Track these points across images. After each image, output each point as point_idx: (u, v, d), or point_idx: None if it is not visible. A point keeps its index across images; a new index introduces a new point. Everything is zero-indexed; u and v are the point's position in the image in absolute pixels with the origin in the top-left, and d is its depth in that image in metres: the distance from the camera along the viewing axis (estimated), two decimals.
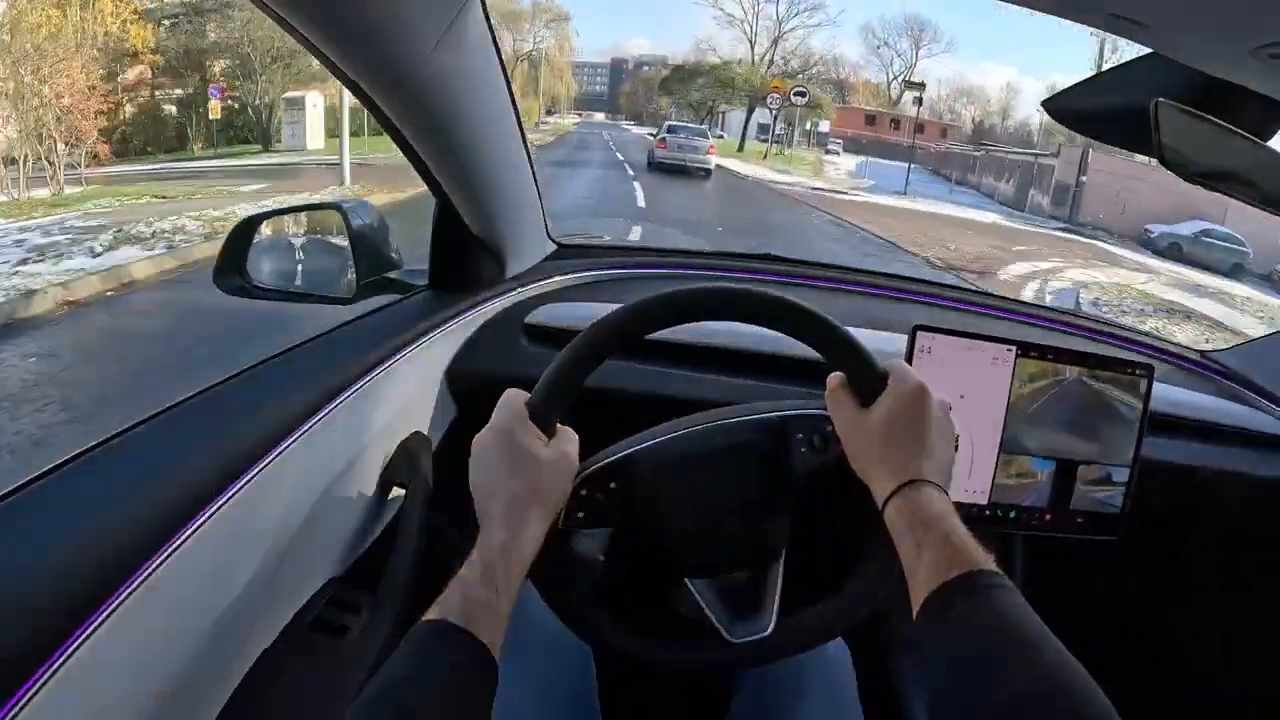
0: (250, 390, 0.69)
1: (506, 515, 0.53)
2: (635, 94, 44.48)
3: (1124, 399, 0.89)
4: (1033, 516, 0.88)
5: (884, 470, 0.54)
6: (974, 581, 0.45)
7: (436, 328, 0.90)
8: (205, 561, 0.56)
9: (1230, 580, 1.21)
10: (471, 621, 0.47)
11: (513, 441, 0.55)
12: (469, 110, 0.77)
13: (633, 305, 0.58)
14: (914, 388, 0.56)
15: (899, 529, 0.51)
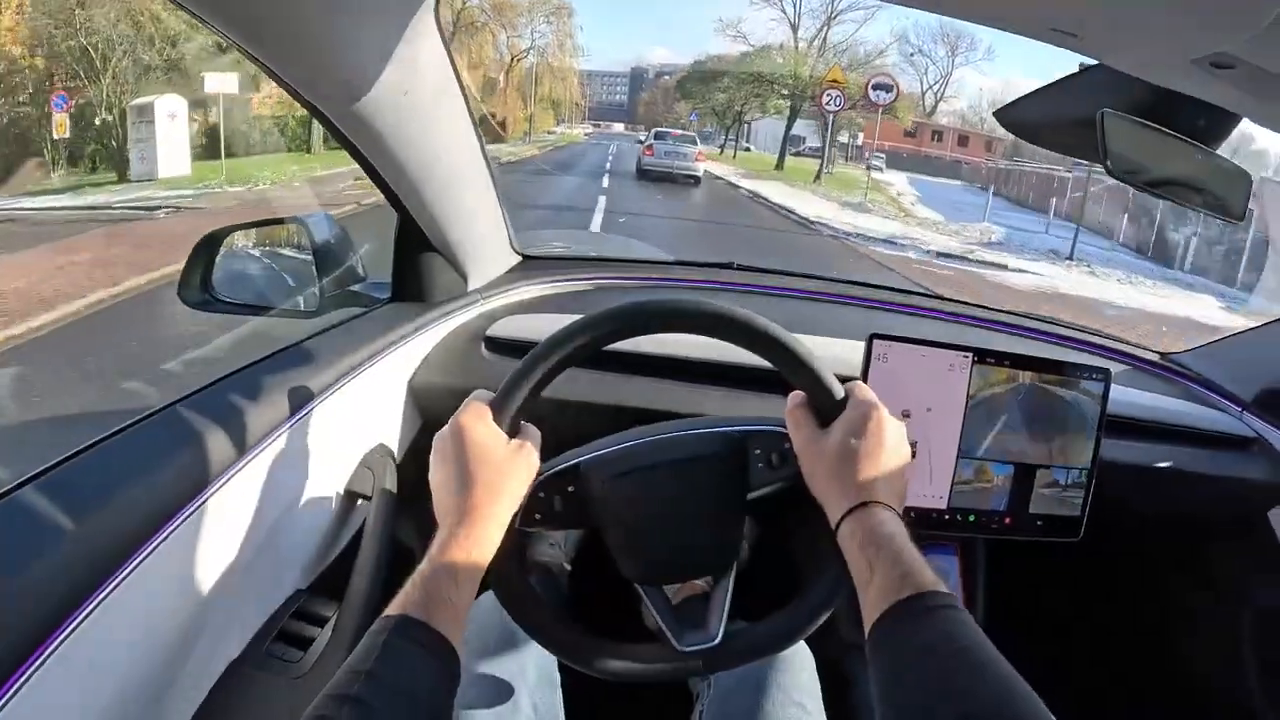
0: (214, 405, 0.69)
1: (467, 512, 0.53)
2: (654, 103, 42.44)
3: (1081, 403, 0.90)
4: (992, 520, 0.89)
5: (838, 490, 0.55)
6: (923, 604, 0.46)
7: (399, 341, 0.90)
8: (171, 575, 0.56)
9: (1192, 578, 1.23)
10: (432, 616, 0.48)
11: (475, 439, 0.55)
12: (424, 124, 0.77)
13: (604, 312, 0.59)
14: (871, 411, 0.57)
15: (851, 549, 0.52)
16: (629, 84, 51.24)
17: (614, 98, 51.97)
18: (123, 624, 0.51)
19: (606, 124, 44.36)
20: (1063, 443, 0.90)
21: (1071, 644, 1.28)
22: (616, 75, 52.51)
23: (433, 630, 0.47)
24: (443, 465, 0.56)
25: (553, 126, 34.21)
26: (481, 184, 0.94)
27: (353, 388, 0.82)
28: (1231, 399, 1.14)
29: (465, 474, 0.55)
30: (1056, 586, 1.23)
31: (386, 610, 0.48)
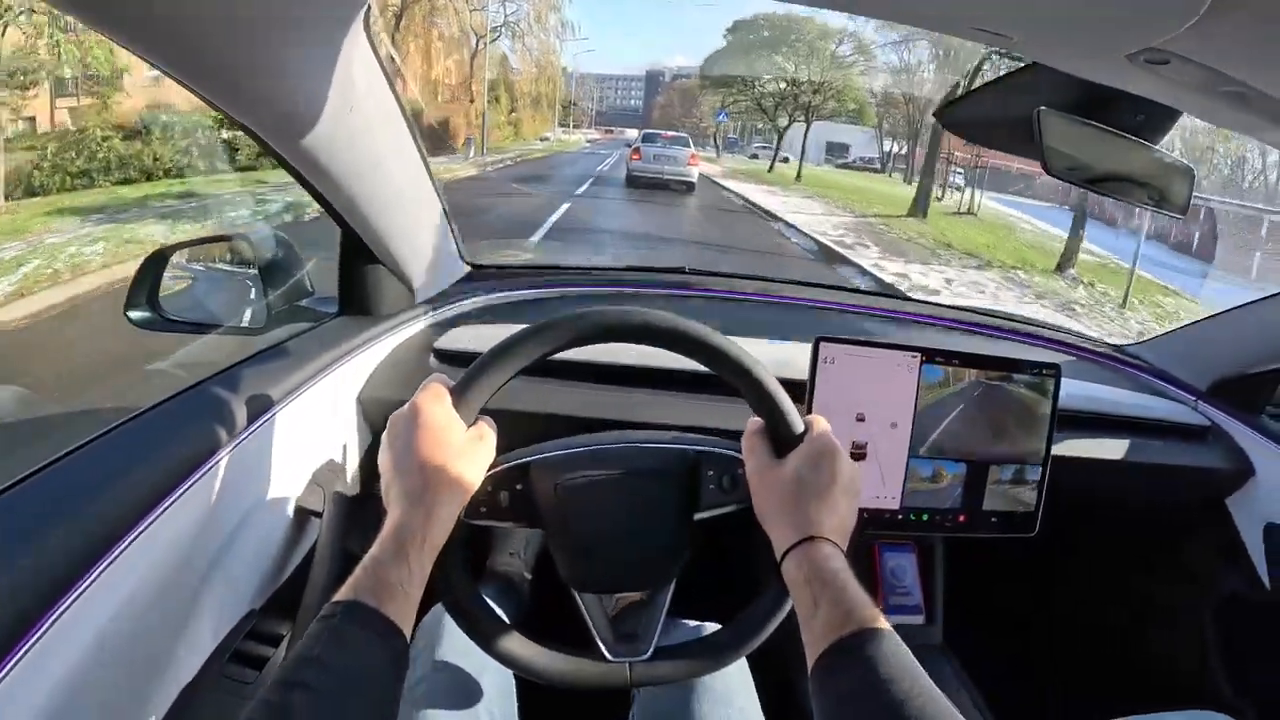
0: (159, 425, 0.69)
1: (421, 496, 0.52)
2: (670, 105, 38.73)
3: (1032, 399, 0.90)
4: (946, 518, 0.89)
5: (786, 522, 0.55)
6: (866, 641, 0.46)
7: (346, 355, 0.89)
8: (119, 599, 0.55)
9: (1153, 568, 1.24)
10: (383, 602, 0.47)
11: (433, 422, 0.55)
12: (361, 139, 0.76)
13: (575, 315, 0.59)
14: (828, 447, 0.57)
15: (796, 583, 0.52)
16: (644, 87, 49.34)
17: (628, 102, 49.95)
18: (72, 651, 0.51)
19: (619, 129, 41.14)
20: (1015, 439, 0.90)
21: (1033, 638, 1.29)
22: (630, 79, 50.91)
23: (384, 616, 0.47)
24: (396, 446, 0.55)
25: (547, 132, 30.98)
26: (425, 196, 0.93)
27: (300, 404, 0.81)
28: (1186, 389, 1.15)
29: (421, 457, 0.54)
30: (1016, 581, 1.24)
31: (337, 595, 0.48)
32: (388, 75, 0.76)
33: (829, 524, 0.54)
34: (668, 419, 0.88)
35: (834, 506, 0.55)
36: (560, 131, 34.83)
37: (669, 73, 45.71)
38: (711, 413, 0.91)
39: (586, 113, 43.84)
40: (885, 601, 1.00)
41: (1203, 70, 0.51)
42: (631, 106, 49.19)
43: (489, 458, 0.59)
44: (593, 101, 44.00)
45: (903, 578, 1.02)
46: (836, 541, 0.54)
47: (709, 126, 31.37)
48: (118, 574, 0.54)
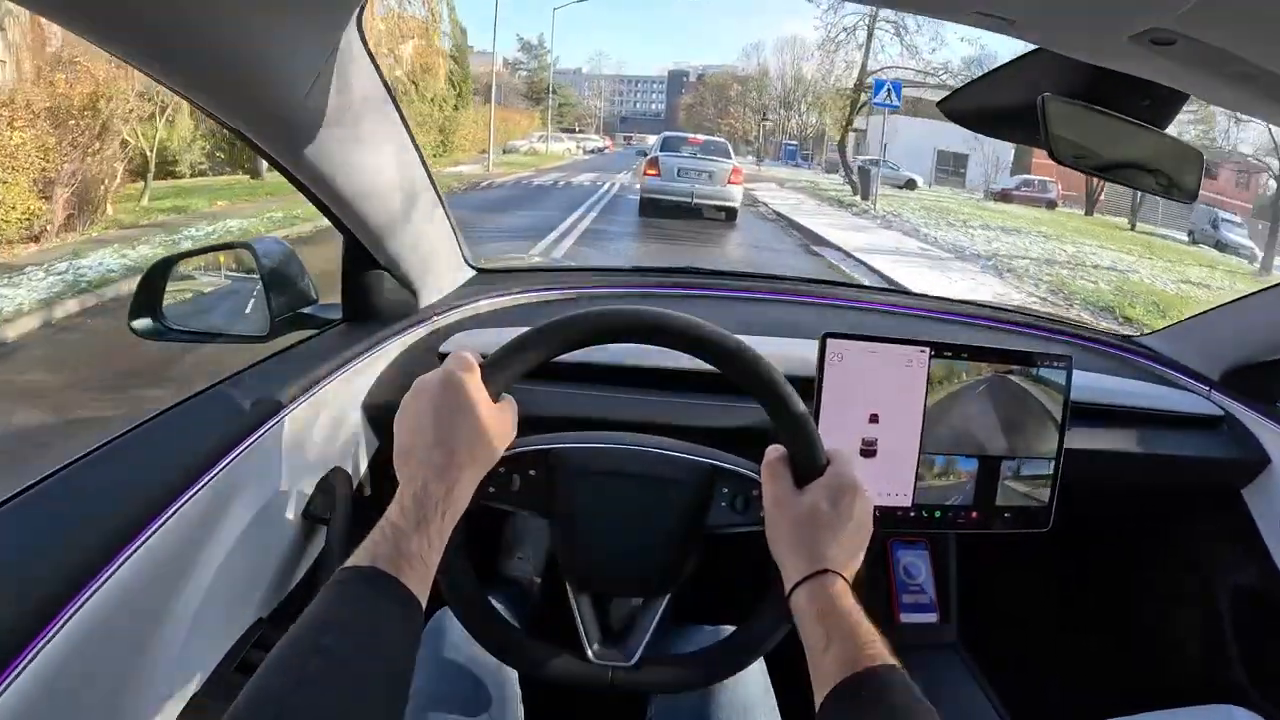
0: (163, 433, 0.69)
1: (445, 468, 0.52)
2: (700, 105, 31.78)
3: (1044, 392, 0.89)
4: (959, 515, 0.88)
5: (799, 553, 0.54)
6: (876, 679, 0.46)
7: (351, 361, 0.89)
8: (125, 608, 0.55)
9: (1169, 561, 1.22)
10: (402, 571, 0.47)
11: (461, 396, 0.54)
12: (359, 144, 0.76)
13: (622, 312, 0.59)
14: (849, 483, 0.57)
15: (807, 617, 0.52)
16: (665, 89, 44.57)
17: (648, 105, 45.33)
18: (78, 658, 0.50)
19: (640, 136, 34.21)
20: (1027, 433, 0.89)
21: (1048, 634, 1.28)
22: (651, 80, 45.96)
23: (401, 585, 0.46)
24: (421, 412, 0.54)
25: (521, 139, 24.67)
26: (426, 199, 0.92)
27: (305, 410, 0.81)
28: (1198, 378, 1.13)
29: (448, 428, 0.53)
30: (1030, 577, 1.23)
31: (353, 559, 0.47)
32: (383, 77, 0.76)
33: (842, 559, 0.54)
34: (685, 422, 0.87)
35: (848, 543, 0.55)
36: (537, 141, 26.66)
37: (693, 71, 41.46)
38: (729, 415, 0.90)
39: (596, 114, 39.68)
40: (899, 600, 0.99)
41: (1209, 50, 0.50)
42: (653, 111, 45.22)
43: (511, 436, 0.59)
44: (603, 102, 40.13)
45: (916, 575, 1.01)
46: (845, 576, 0.54)
47: (751, 130, 27.20)
48: (123, 582, 0.54)
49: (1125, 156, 0.80)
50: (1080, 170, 0.80)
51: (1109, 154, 0.80)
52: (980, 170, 20.47)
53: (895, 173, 20.89)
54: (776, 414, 0.59)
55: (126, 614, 0.55)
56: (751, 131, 28.43)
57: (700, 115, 31.27)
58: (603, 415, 0.87)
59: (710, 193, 10.09)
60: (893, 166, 20.82)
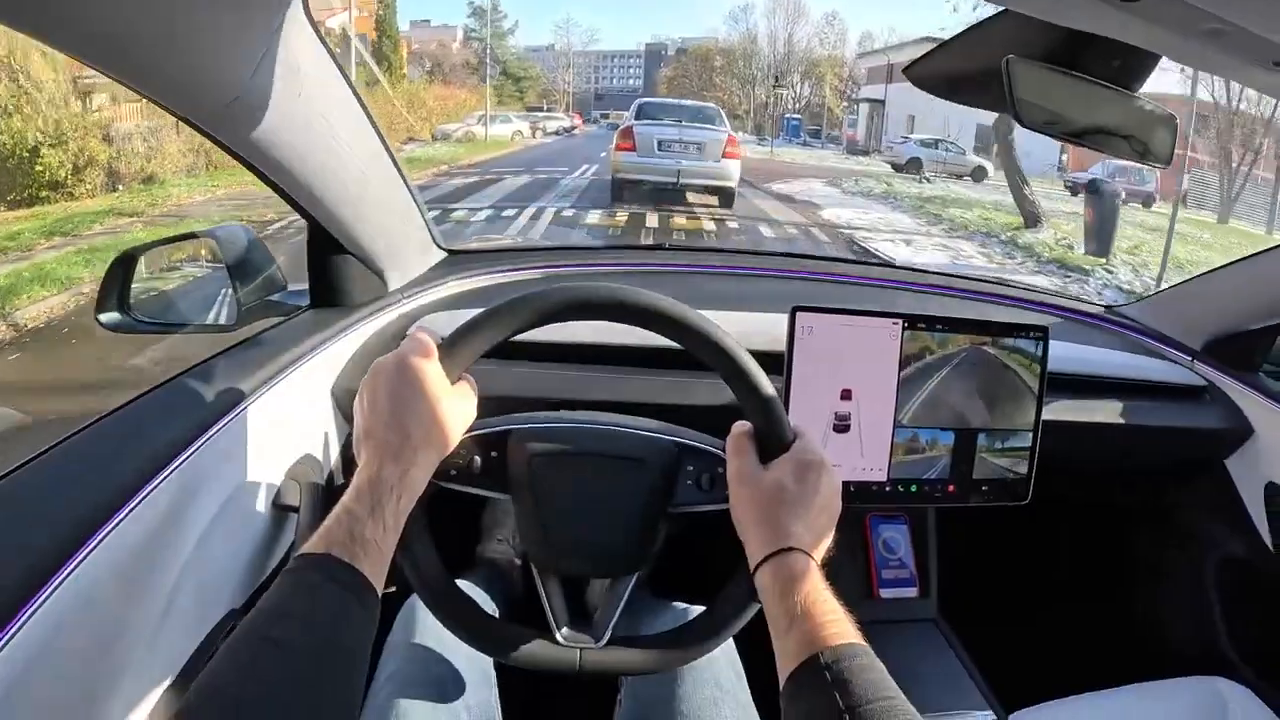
0: (127, 424, 0.67)
1: (399, 450, 0.51)
2: (685, 76, 28.15)
3: (1020, 362, 0.88)
4: (936, 489, 0.87)
5: (764, 531, 0.54)
6: (838, 659, 0.45)
7: (318, 348, 0.88)
8: (90, 604, 0.54)
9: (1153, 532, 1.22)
10: (356, 558, 0.46)
11: (418, 377, 0.53)
12: (316, 126, 0.74)
13: (584, 285, 0.58)
14: (816, 460, 0.56)
15: (772, 594, 0.51)
16: (643, 64, 41.50)
17: (625, 81, 42.23)
18: (39, 662, 0.49)
19: (617, 113, 31.10)
20: (1004, 405, 0.88)
21: (1030, 607, 1.28)
22: (628, 55, 42.73)
23: (356, 572, 0.45)
24: (378, 395, 0.53)
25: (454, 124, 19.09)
26: (388, 180, 0.91)
27: (272, 397, 0.80)
28: (1180, 348, 1.12)
29: (404, 410, 0.52)
30: (1011, 550, 1.22)
31: (306, 546, 0.46)
32: (334, 57, 0.74)
33: (807, 537, 0.53)
34: (651, 400, 0.86)
35: (813, 520, 0.54)
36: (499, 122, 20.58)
37: (672, 44, 38.73)
38: (695, 392, 0.89)
39: (565, 90, 36.15)
40: (878, 575, 0.98)
41: (1179, 6, 0.49)
42: (630, 87, 41.41)
43: (470, 417, 0.58)
44: (572, 75, 36.37)
45: (896, 550, 1.00)
46: (811, 555, 0.53)
47: (740, 104, 22.94)
48: (86, 576, 0.53)
49: (1096, 121, 0.79)
50: (1050, 135, 0.79)
51: (1080, 119, 0.78)
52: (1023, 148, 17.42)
53: (957, 157, 15.47)
54: (738, 387, 0.58)
55: (91, 611, 0.54)
56: (741, 105, 25.19)
57: (683, 88, 27.46)
58: (566, 394, 0.87)
59: (700, 170, 8.13)
60: (954, 148, 15.42)
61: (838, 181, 14.03)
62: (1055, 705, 0.89)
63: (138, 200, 9.39)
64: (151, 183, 10.55)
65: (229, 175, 10.81)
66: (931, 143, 13.71)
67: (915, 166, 14.12)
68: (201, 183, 10.73)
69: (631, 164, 8.26)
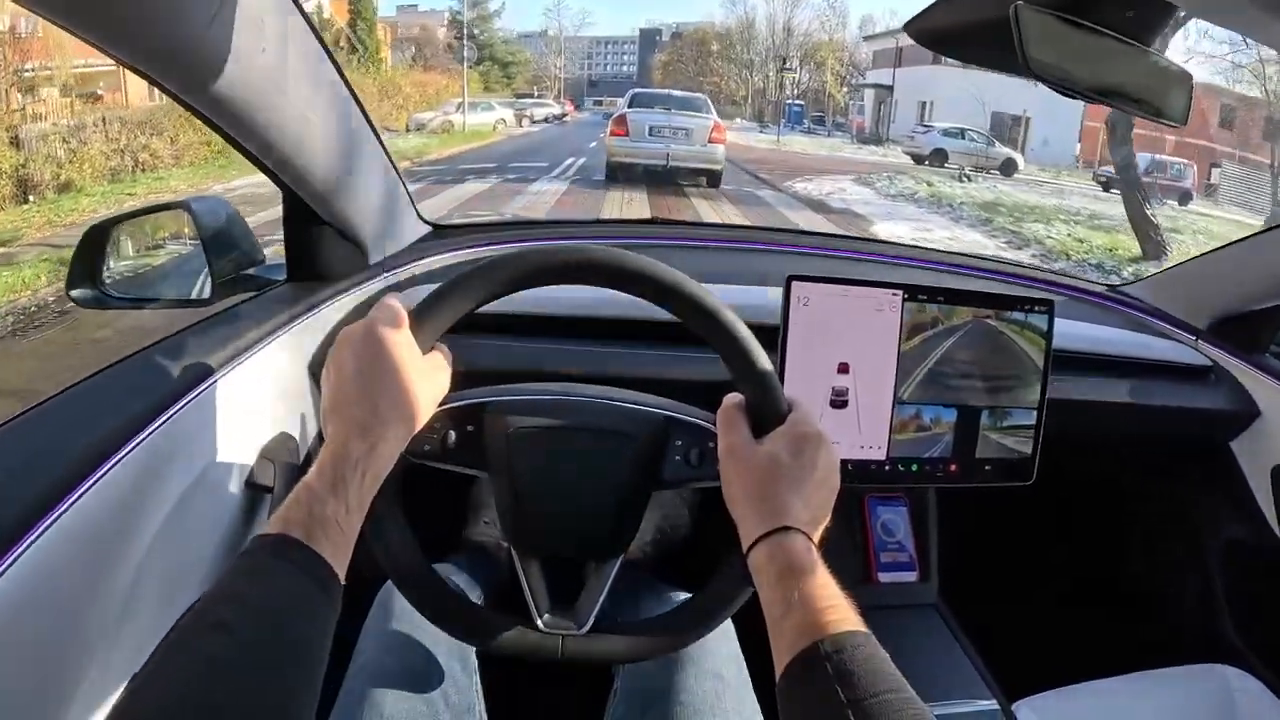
0: (86, 400, 0.64)
1: (366, 424, 0.48)
2: (681, 61, 26.70)
3: (1025, 338, 0.85)
4: (937, 469, 0.84)
5: (758, 509, 0.51)
6: (839, 647, 0.43)
7: (293, 321, 0.84)
8: (50, 584, 0.51)
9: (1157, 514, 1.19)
10: (315, 539, 0.43)
11: (386, 347, 0.50)
12: (280, 86, 0.70)
13: (561, 246, 0.55)
14: (814, 433, 0.53)
15: (767, 577, 0.48)
16: (637, 50, 40.51)
17: (619, 68, 41.51)
18: (3, 634, 0.47)
19: (610, 100, 30.68)
20: (1008, 381, 0.85)
21: (1031, 591, 1.25)
22: (621, 41, 41.93)
23: (313, 553, 0.42)
24: (345, 366, 0.50)
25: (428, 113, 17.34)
26: (368, 149, 0.87)
27: (244, 372, 0.76)
28: (1184, 328, 1.10)
29: (371, 382, 0.49)
30: (1013, 533, 1.19)
31: (266, 528, 0.43)
32: (304, 13, 0.70)
33: (804, 515, 0.50)
34: (635, 374, 0.83)
35: (811, 497, 0.51)
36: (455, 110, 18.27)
37: (667, 30, 37.64)
38: (684, 365, 0.85)
39: (556, 76, 34.59)
40: (877, 559, 0.96)
41: None
42: (624, 73, 40.92)
43: (443, 389, 0.55)
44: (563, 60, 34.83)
45: (895, 533, 0.97)
46: (808, 534, 0.49)
47: (738, 89, 22.62)
48: (41, 560, 0.50)
49: (1109, 78, 0.75)
50: (1058, 91, 0.75)
51: (1091, 76, 0.74)
52: (1040, 135, 14.74)
53: (984, 148, 14.03)
54: (735, 358, 0.54)
55: (48, 596, 0.51)
56: (739, 91, 24.47)
57: (679, 73, 26.78)
58: (545, 367, 0.83)
59: (689, 153, 8.94)
60: (981, 138, 13.88)
61: (869, 179, 12.61)
62: (1058, 694, 0.86)
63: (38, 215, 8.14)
64: (68, 190, 9.25)
65: (155, 179, 10.17)
66: (957, 132, 12.68)
67: (940, 158, 12.97)
68: (124, 188, 9.61)
69: (624, 148, 9.03)
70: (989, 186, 12.41)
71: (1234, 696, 0.89)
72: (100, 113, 11.05)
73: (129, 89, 12.79)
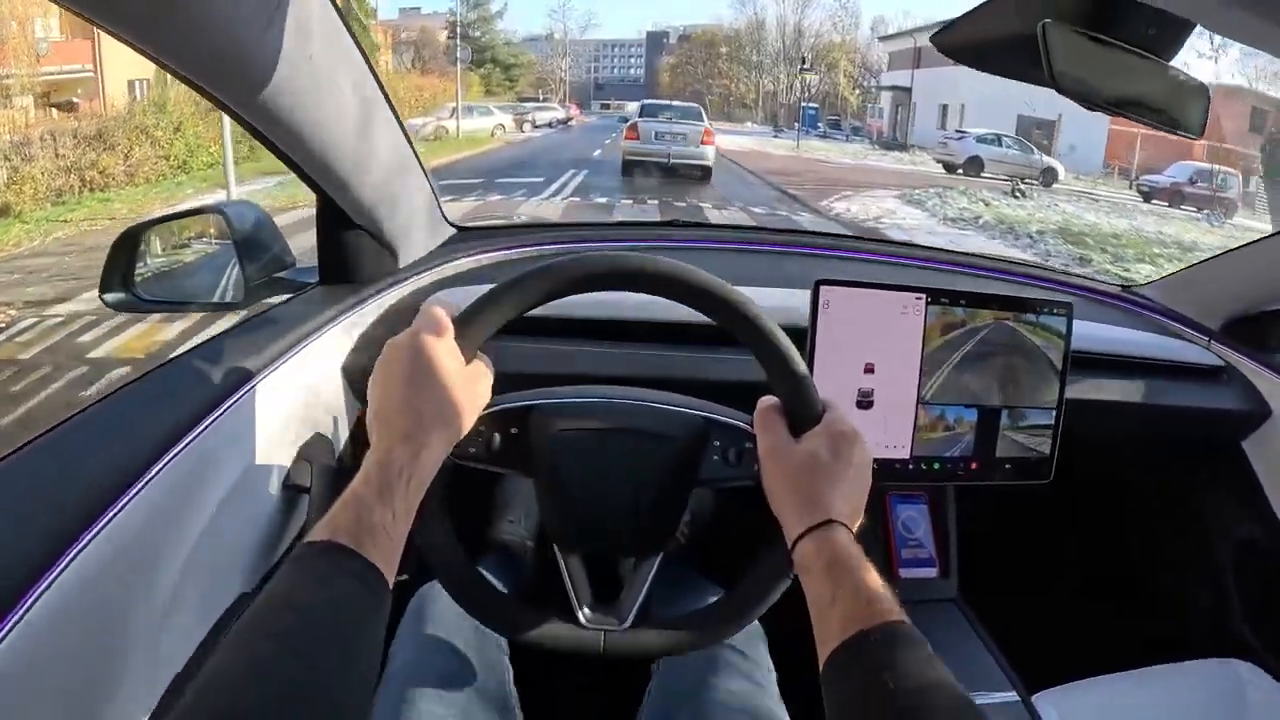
0: (130, 406, 0.66)
1: (411, 432, 0.49)
2: (689, 63, 26.00)
3: (1044, 339, 0.87)
4: (958, 467, 0.86)
5: (801, 505, 0.52)
6: (885, 635, 0.44)
7: (327, 324, 0.86)
8: (97, 588, 0.52)
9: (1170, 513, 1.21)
10: (363, 545, 0.44)
11: (432, 354, 0.51)
12: (322, 92, 0.72)
13: (599, 256, 0.56)
14: (850, 431, 0.55)
15: (813, 570, 0.49)
16: (645, 52, 39.85)
17: (626, 71, 40.88)
18: (47, 646, 0.48)
19: (618, 103, 30.58)
20: (1027, 382, 0.87)
21: (1049, 587, 1.28)
22: (629, 44, 40.99)
23: (364, 559, 0.43)
24: (390, 374, 0.52)
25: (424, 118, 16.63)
26: (401, 154, 0.89)
27: (281, 376, 0.78)
28: (1198, 329, 1.12)
29: (415, 392, 0.50)
30: (1030, 530, 1.21)
31: (311, 534, 0.44)
32: (345, 19, 0.72)
33: (845, 509, 0.52)
34: (670, 375, 0.85)
35: (850, 492, 0.53)
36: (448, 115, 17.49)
37: (674, 32, 36.82)
38: (717, 368, 0.87)
39: (561, 78, 33.98)
40: (898, 555, 0.98)
41: None
42: (631, 76, 40.64)
43: (485, 397, 0.56)
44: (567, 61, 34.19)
45: (915, 530, 0.99)
46: (849, 526, 0.51)
47: (748, 93, 21.99)
48: (94, 560, 0.51)
49: (1130, 90, 0.77)
50: (1083, 104, 0.77)
51: (1113, 88, 0.76)
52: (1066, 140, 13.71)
53: (1024, 156, 12.74)
54: (772, 363, 0.56)
55: (97, 595, 0.52)
56: (749, 94, 23.71)
57: (688, 76, 26.51)
58: (585, 370, 0.85)
59: (685, 153, 11.54)
60: (1018, 144, 12.71)
61: (917, 198, 11.33)
62: (1076, 687, 0.88)
63: None
64: (4, 216, 8.49)
65: (101, 201, 9.37)
66: (993, 138, 11.64)
67: (976, 167, 12.02)
68: (65, 211, 8.79)
69: (636, 148, 11.94)
70: (1048, 204, 11.23)
71: (1246, 690, 0.91)
72: (49, 126, 10.37)
73: (107, 97, 11.92)
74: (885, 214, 10.48)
